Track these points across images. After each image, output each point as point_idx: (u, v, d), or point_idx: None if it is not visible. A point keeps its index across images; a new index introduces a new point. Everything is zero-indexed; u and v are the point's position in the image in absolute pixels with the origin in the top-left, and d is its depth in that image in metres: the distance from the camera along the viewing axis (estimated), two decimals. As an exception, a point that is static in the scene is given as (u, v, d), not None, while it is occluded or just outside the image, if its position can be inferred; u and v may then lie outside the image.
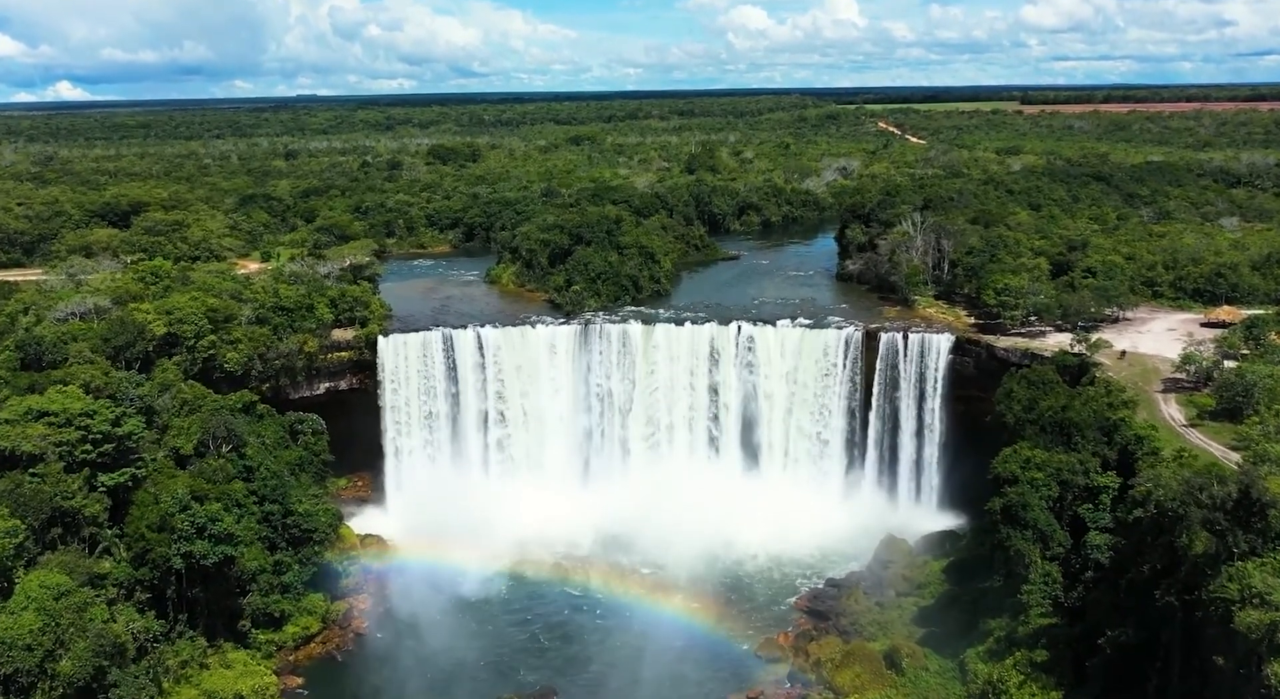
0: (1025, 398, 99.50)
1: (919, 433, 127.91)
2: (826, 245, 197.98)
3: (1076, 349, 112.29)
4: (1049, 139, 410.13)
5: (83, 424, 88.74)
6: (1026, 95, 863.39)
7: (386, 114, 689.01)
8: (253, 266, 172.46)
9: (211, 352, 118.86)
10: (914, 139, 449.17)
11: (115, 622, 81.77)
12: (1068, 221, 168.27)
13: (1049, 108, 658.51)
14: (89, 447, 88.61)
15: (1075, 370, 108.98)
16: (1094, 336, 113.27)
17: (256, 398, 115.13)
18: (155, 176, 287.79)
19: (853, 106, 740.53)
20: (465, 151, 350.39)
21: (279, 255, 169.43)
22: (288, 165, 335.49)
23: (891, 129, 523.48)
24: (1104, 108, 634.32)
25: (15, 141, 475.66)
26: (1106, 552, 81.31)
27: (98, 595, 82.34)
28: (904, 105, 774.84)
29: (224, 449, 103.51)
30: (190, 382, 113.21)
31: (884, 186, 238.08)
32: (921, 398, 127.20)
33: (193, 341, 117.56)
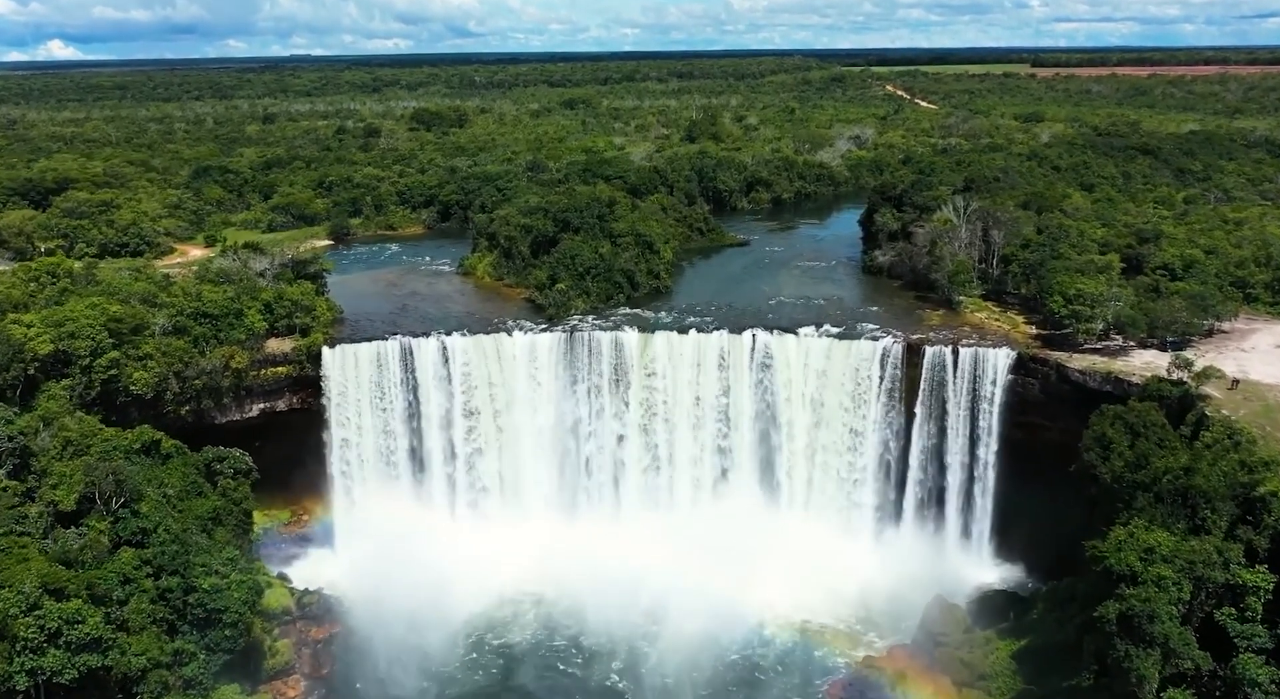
0: (1128, 452, 77.87)
1: (970, 467, 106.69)
2: (846, 227, 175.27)
3: (1175, 376, 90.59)
4: (1067, 104, 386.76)
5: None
6: (1037, 57, 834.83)
7: (374, 75, 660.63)
8: (196, 253, 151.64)
9: (114, 372, 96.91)
10: (924, 103, 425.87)
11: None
12: (1128, 205, 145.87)
13: (1062, 71, 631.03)
14: (-98, 528, 67.37)
15: (1176, 405, 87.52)
16: (1198, 361, 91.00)
17: (161, 435, 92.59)
18: (115, 143, 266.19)
19: (858, 69, 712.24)
20: (451, 116, 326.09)
21: (225, 239, 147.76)
22: (262, 131, 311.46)
23: (899, 92, 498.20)
24: (1121, 71, 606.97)
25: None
26: (1272, 689, 59.92)
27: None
28: (910, 67, 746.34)
29: (113, 504, 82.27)
30: (81, 413, 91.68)
31: (906, 157, 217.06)
32: (974, 425, 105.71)
33: (88, 360, 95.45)
